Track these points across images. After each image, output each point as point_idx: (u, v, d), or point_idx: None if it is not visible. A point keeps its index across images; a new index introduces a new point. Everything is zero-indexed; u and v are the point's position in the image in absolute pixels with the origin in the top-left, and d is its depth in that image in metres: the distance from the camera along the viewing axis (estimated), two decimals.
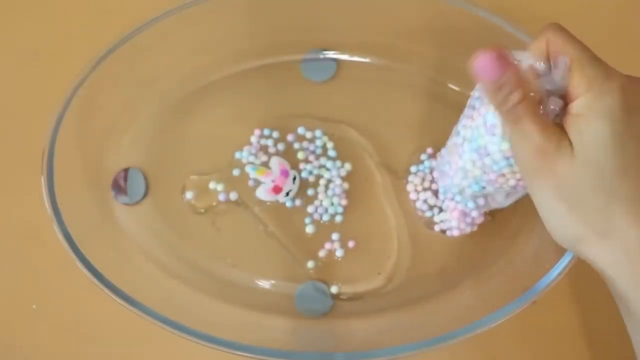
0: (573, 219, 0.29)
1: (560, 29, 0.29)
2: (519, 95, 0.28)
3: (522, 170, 0.31)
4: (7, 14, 0.51)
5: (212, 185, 0.44)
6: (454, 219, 0.42)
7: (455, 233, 0.42)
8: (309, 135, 0.46)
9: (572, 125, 0.28)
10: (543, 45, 0.29)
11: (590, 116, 0.27)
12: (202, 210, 0.44)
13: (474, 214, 0.42)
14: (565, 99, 0.29)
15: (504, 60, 0.27)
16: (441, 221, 0.43)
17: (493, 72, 0.27)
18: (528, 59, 0.29)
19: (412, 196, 0.44)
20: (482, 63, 0.27)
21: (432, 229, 0.43)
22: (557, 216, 0.30)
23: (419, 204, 0.44)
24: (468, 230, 0.42)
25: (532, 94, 0.28)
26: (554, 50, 0.29)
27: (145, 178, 0.44)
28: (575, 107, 0.28)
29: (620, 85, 0.27)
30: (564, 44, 0.28)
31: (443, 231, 0.43)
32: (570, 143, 0.28)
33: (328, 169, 0.45)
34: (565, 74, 0.28)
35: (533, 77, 0.29)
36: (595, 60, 0.28)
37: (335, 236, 0.43)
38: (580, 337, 0.42)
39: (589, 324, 0.42)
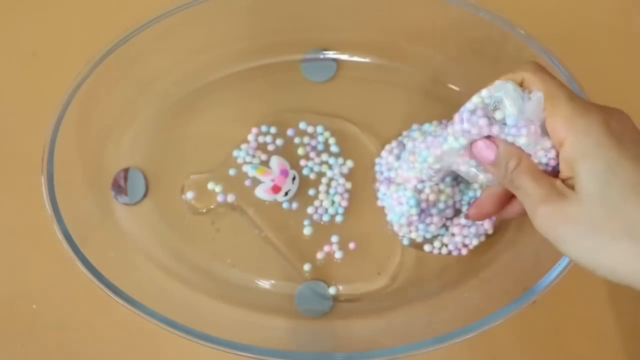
0: (602, 251, 0.28)
1: (539, 69, 0.31)
2: (514, 162, 0.31)
3: (538, 225, 0.30)
4: (6, 14, 0.51)
5: (210, 185, 0.43)
6: (457, 235, 0.41)
7: (464, 252, 0.41)
8: (310, 130, 0.45)
9: (568, 169, 0.29)
10: (519, 79, 0.31)
11: (581, 156, 0.28)
12: (203, 211, 0.44)
13: None
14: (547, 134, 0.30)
15: (492, 141, 0.31)
16: (438, 246, 0.42)
17: (488, 156, 0.32)
18: (509, 90, 0.31)
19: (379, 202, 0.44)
20: (476, 151, 0.32)
21: (431, 252, 0.42)
22: (587, 253, 0.29)
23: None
24: (475, 242, 0.41)
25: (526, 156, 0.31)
26: (530, 87, 0.30)
27: (145, 178, 0.44)
28: (564, 152, 0.29)
29: (600, 117, 0.28)
30: (540, 84, 0.30)
31: (447, 253, 0.42)
32: (570, 186, 0.29)
33: (330, 166, 0.44)
34: (539, 109, 0.30)
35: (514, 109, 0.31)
36: (572, 100, 0.29)
37: (334, 238, 0.43)
38: (580, 337, 0.42)
39: (589, 324, 0.42)
